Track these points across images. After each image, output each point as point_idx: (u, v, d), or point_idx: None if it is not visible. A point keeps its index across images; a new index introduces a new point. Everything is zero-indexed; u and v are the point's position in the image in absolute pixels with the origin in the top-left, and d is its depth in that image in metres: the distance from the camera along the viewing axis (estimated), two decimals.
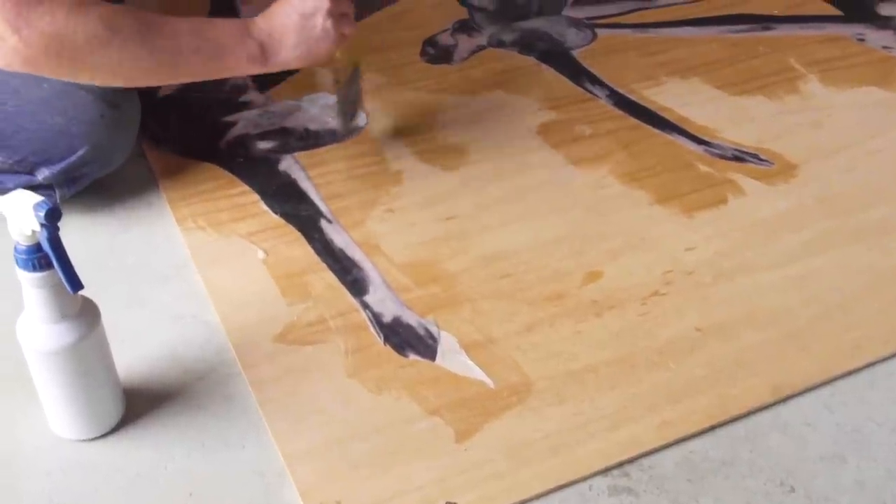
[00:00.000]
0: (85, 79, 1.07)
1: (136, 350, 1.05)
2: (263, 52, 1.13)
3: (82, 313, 0.91)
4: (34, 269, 0.85)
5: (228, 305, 1.10)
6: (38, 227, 0.82)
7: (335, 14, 1.15)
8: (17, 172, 1.18)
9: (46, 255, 0.84)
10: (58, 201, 1.20)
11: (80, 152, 1.17)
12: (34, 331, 0.90)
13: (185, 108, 1.38)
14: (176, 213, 1.22)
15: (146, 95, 1.28)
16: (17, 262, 0.86)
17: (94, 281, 0.93)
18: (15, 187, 1.18)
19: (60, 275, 0.84)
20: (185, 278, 1.14)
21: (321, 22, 1.14)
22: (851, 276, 1.16)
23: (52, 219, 0.81)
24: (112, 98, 1.17)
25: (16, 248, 0.85)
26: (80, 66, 1.03)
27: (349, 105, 1.32)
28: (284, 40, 1.14)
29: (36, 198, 0.82)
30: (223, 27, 1.12)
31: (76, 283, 0.85)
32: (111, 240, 1.20)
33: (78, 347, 0.90)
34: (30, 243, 0.84)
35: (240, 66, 1.13)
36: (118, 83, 1.11)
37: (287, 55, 1.14)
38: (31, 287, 0.87)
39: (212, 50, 1.10)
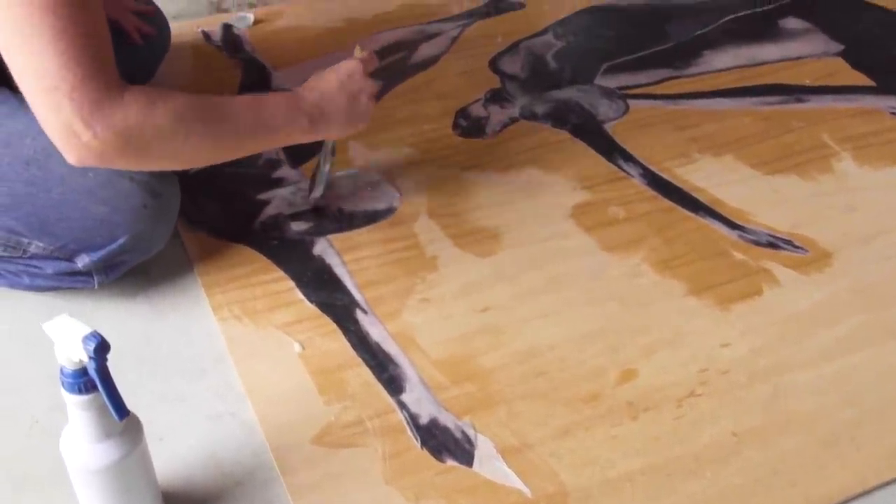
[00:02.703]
0: (148, 167, 1.13)
1: (174, 450, 1.06)
2: (312, 124, 1.20)
3: (126, 430, 0.91)
4: (80, 392, 0.86)
5: (266, 403, 1.10)
6: (86, 358, 0.82)
7: (373, 94, 1.25)
8: (57, 258, 1.19)
9: (92, 379, 0.85)
10: (95, 286, 1.21)
11: (121, 241, 1.18)
12: (78, 448, 0.90)
13: (218, 184, 1.38)
14: (212, 300, 1.23)
15: (180, 172, 1.28)
16: (63, 385, 0.86)
17: (131, 372, 0.94)
18: (54, 273, 1.20)
19: (107, 403, 0.85)
20: (221, 372, 1.15)
21: (365, 101, 1.24)
22: (888, 375, 1.16)
23: (101, 353, 0.81)
24: (154, 187, 1.18)
25: (62, 371, 0.86)
26: (147, 157, 1.08)
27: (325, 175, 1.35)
28: (332, 116, 1.21)
29: (84, 329, 0.82)
30: (277, 104, 1.18)
31: (122, 411, 0.85)
32: (147, 328, 1.20)
33: (121, 465, 0.91)
34: (76, 368, 0.85)
35: (292, 138, 1.20)
36: (178, 167, 1.17)
37: (332, 129, 1.23)
38: (77, 408, 0.87)
39: (268, 126, 1.16)
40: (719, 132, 1.54)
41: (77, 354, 0.83)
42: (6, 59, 1.00)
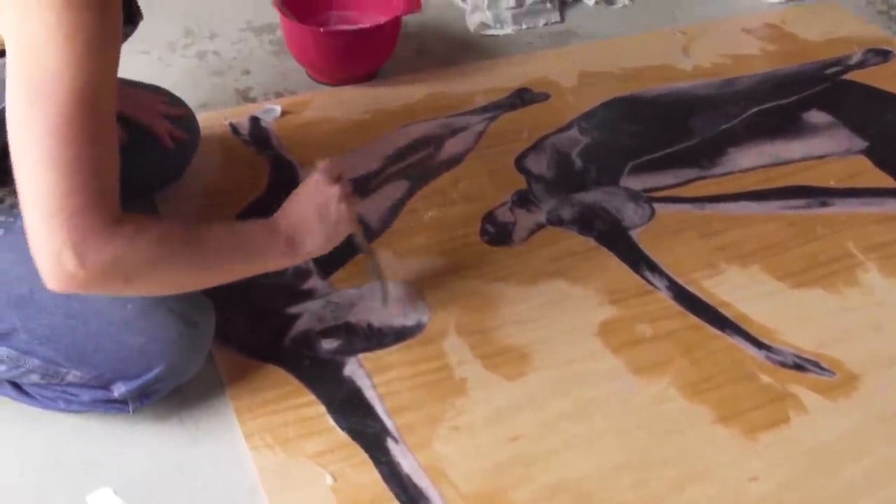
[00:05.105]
0: (130, 293, 1.13)
1: None
2: (291, 245, 1.21)
3: None
4: None
5: None
6: None
7: (345, 197, 1.25)
8: (93, 387, 1.21)
9: None
10: (131, 412, 1.23)
11: (157, 370, 1.19)
12: None
13: (247, 297, 1.39)
14: (243, 427, 1.24)
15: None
16: None
17: None
18: (90, 400, 1.22)
19: None
20: None
21: (335, 207, 1.24)
22: None
23: None
24: (190, 317, 1.20)
25: None
26: (131, 285, 1.06)
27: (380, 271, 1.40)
28: (308, 231, 1.22)
29: None
30: (254, 230, 1.20)
31: None
32: (180, 457, 1.21)
33: None
34: None
35: (273, 263, 1.21)
36: (161, 293, 1.16)
37: (313, 244, 1.23)
38: None
39: (248, 252, 1.18)
40: (745, 239, 1.55)
41: None
42: (15, 175, 0.99)
